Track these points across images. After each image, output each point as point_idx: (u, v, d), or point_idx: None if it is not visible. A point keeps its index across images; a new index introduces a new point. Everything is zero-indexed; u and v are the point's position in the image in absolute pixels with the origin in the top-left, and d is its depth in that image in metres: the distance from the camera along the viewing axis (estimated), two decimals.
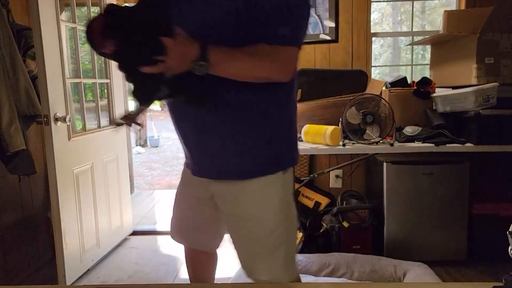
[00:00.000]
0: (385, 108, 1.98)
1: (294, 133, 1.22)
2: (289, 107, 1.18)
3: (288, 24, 1.00)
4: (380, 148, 1.96)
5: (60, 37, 2.03)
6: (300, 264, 2.05)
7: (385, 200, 2.27)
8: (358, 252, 2.17)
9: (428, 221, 2.26)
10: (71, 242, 2.10)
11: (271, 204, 1.14)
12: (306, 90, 2.32)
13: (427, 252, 2.27)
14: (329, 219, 2.32)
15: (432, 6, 8.91)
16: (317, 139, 2.00)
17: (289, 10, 1.00)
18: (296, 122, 1.22)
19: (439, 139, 1.95)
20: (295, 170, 2.75)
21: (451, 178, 2.23)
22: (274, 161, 1.14)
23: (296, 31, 1.03)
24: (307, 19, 1.07)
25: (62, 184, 2.02)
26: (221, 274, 2.26)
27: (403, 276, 1.95)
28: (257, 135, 1.11)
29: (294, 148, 1.22)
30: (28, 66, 2.07)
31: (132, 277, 2.25)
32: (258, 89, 1.05)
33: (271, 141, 1.13)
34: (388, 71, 4.66)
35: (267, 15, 0.98)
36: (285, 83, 1.08)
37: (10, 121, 1.90)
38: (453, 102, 2.02)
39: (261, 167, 1.12)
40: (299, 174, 2.78)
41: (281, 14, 0.99)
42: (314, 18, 2.64)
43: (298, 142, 1.24)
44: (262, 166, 1.12)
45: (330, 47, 2.68)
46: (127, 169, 2.81)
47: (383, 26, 10.16)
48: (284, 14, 1.00)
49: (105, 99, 2.64)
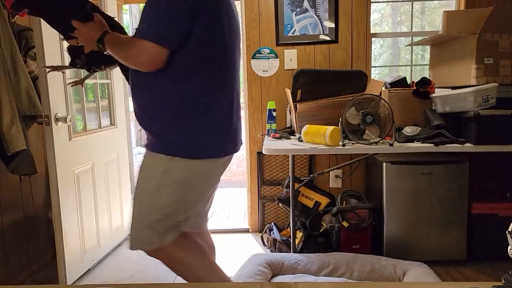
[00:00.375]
0: (385, 108, 1.99)
1: (196, 128, 1.31)
2: (185, 102, 1.30)
3: (144, 20, 1.22)
4: (380, 148, 1.97)
5: (61, 38, 2.03)
6: (300, 263, 2.06)
7: (384, 200, 2.27)
8: (358, 252, 2.18)
9: (428, 221, 2.27)
10: (72, 242, 2.11)
11: (144, 175, 1.36)
12: (306, 91, 2.33)
13: (427, 251, 2.28)
14: (329, 219, 2.33)
15: (431, 6, 8.93)
16: (317, 139, 2.00)
17: (147, 9, 1.22)
18: (214, 120, 1.33)
19: (438, 139, 1.95)
20: (295, 171, 2.76)
21: (451, 178, 2.24)
22: (160, 144, 1.32)
23: (150, 27, 1.21)
24: (169, 17, 1.19)
25: (63, 184, 2.03)
26: None
27: (402, 276, 1.96)
28: (148, 114, 1.34)
29: (195, 144, 1.32)
30: (29, 66, 2.08)
31: (132, 277, 2.26)
32: (147, 75, 1.26)
33: (158, 125, 1.32)
34: (387, 72, 4.67)
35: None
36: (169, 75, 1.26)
37: (11, 121, 1.90)
38: (452, 102, 2.03)
39: (150, 143, 1.35)
40: (299, 174, 2.79)
41: (143, 12, 1.23)
42: (314, 18, 2.65)
43: (213, 141, 1.35)
44: (150, 142, 1.35)
45: (329, 48, 2.68)
46: (127, 169, 2.82)
47: (382, 26, 10.18)
48: (144, 11, 1.23)
49: (106, 99, 2.65)
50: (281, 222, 2.84)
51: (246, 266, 2.00)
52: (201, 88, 1.30)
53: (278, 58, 2.70)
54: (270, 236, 2.51)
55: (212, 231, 2.90)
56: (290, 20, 2.66)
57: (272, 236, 2.49)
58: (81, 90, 2.31)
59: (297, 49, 2.69)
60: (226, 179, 6.04)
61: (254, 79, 2.74)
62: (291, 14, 2.65)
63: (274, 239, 2.46)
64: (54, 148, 1.96)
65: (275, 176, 2.85)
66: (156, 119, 1.32)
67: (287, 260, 2.08)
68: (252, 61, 2.71)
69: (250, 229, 2.92)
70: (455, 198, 2.25)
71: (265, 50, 2.70)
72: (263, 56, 2.70)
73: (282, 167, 2.83)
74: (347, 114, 1.99)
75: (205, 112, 1.31)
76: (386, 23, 10.58)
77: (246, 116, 2.80)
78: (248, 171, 2.87)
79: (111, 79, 2.62)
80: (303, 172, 2.81)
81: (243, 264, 2.05)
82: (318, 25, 2.66)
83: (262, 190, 2.86)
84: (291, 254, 2.19)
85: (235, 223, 3.11)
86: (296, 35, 2.67)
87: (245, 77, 2.77)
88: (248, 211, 2.93)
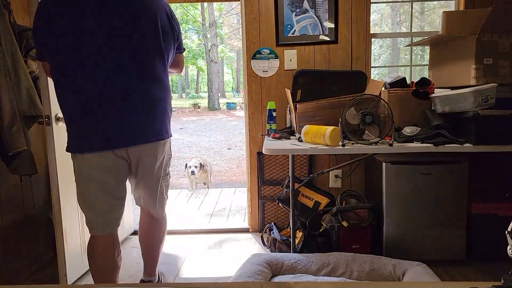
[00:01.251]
0: (384, 109, 1.99)
1: (73, 125, 1.58)
2: (63, 101, 1.56)
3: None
4: (379, 148, 1.98)
5: None
6: (300, 263, 2.06)
7: (384, 200, 2.28)
8: (358, 251, 2.18)
9: (427, 220, 2.27)
10: (72, 242, 2.11)
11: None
12: (305, 91, 2.33)
13: (426, 251, 2.28)
14: (328, 218, 2.34)
15: (431, 7, 8.94)
16: (317, 139, 2.01)
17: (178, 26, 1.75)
18: (78, 117, 1.55)
19: (438, 139, 1.96)
20: (295, 171, 2.77)
21: (450, 178, 2.25)
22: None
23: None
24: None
25: (63, 184, 2.03)
26: (221, 274, 2.27)
27: (402, 276, 1.96)
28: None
29: (74, 138, 1.61)
30: (30, 66, 2.08)
31: (133, 276, 2.26)
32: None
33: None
34: (387, 72, 4.68)
35: None
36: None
37: (12, 122, 1.91)
38: (452, 102, 2.04)
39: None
40: (299, 174, 2.79)
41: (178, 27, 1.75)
42: (313, 19, 2.66)
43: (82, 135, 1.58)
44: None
45: (329, 48, 2.69)
46: None
47: (382, 27, 10.19)
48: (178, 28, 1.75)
49: None
50: (281, 222, 2.85)
51: (246, 266, 2.01)
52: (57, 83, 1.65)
53: (278, 59, 2.71)
54: (270, 236, 2.52)
55: (212, 231, 2.92)
56: (290, 20, 2.66)
57: (272, 236, 2.50)
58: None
59: (297, 50, 2.69)
60: (226, 179, 6.04)
61: (254, 79, 2.74)
62: (291, 14, 2.66)
63: (274, 239, 2.47)
64: (54, 148, 1.97)
65: (275, 176, 2.85)
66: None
67: (287, 260, 2.09)
68: (252, 61, 2.72)
69: (250, 229, 2.92)
70: (455, 198, 2.26)
71: (265, 51, 2.71)
72: (263, 57, 2.71)
73: (282, 167, 2.83)
74: (346, 114, 1.99)
75: (68, 113, 1.70)
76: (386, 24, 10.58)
77: (246, 116, 2.81)
78: (248, 171, 2.87)
79: None
80: (303, 172, 2.82)
81: (243, 264, 2.06)
82: (318, 26, 2.67)
83: (262, 190, 2.87)
84: (291, 254, 2.20)
85: (235, 223, 3.11)
86: (296, 36, 2.68)
87: (245, 77, 2.77)
88: (248, 211, 2.93)
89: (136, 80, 1.53)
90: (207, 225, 3.08)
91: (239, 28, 19.62)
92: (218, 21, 21.36)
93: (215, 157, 7.83)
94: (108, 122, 1.51)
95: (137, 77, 1.53)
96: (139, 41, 1.51)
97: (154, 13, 1.54)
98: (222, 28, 23.55)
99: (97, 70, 1.47)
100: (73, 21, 1.42)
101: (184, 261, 2.45)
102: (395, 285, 1.30)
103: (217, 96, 20.61)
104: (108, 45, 1.47)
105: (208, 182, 4.88)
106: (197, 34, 23.59)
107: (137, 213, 3.32)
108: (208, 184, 4.89)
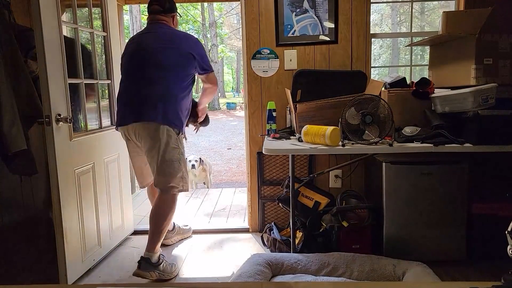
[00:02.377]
0: (384, 109, 1.99)
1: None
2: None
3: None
4: (379, 148, 1.98)
5: (61, 38, 2.04)
6: (300, 263, 2.06)
7: (384, 200, 2.28)
8: (358, 251, 2.18)
9: (427, 220, 2.27)
10: (73, 242, 2.11)
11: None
12: (305, 91, 2.33)
13: (426, 251, 2.28)
14: (328, 218, 2.34)
15: (431, 7, 8.93)
16: (317, 139, 2.01)
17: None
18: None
19: (438, 139, 1.96)
20: (295, 171, 2.77)
21: (450, 178, 2.25)
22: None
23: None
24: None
25: (64, 184, 2.03)
26: (221, 274, 2.27)
27: (402, 276, 1.96)
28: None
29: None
30: (30, 66, 2.09)
31: (133, 277, 2.26)
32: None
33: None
34: (387, 72, 4.68)
35: None
36: None
37: (12, 122, 1.91)
38: (452, 102, 2.04)
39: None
40: (299, 174, 2.79)
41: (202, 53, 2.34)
42: (314, 19, 2.66)
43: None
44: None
45: (329, 48, 2.69)
46: (128, 169, 2.82)
47: (382, 27, 10.18)
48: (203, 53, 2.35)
49: (106, 99, 2.65)
50: (281, 222, 2.85)
51: (246, 266, 2.01)
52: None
53: (278, 59, 2.71)
54: (270, 236, 2.52)
55: (212, 231, 2.93)
56: (290, 20, 2.67)
57: (272, 236, 2.50)
58: (81, 90, 2.31)
59: (297, 50, 2.70)
60: (226, 179, 6.05)
61: (254, 79, 2.74)
62: (291, 14, 2.66)
63: (274, 239, 2.47)
64: (54, 148, 1.96)
65: (275, 176, 2.85)
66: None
67: (287, 260, 2.09)
68: (252, 62, 2.72)
69: (250, 229, 2.92)
70: (455, 198, 2.25)
71: (265, 51, 2.71)
72: (263, 57, 2.71)
73: (282, 167, 2.83)
74: (346, 114, 1.99)
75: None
76: (386, 24, 10.57)
77: (246, 116, 2.81)
78: (248, 171, 2.88)
79: (111, 79, 2.62)
80: (303, 172, 2.82)
81: (243, 264, 2.06)
82: (318, 26, 2.67)
83: (262, 190, 2.87)
84: (291, 254, 2.20)
85: (235, 223, 3.11)
86: (296, 36, 2.68)
87: (245, 77, 2.78)
88: (248, 211, 2.93)
89: (145, 85, 2.16)
90: (207, 225, 3.08)
91: (239, 28, 19.62)
92: (218, 21, 21.37)
93: (215, 157, 7.83)
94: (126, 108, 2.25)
95: (146, 84, 2.17)
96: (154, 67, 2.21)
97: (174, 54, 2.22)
98: (222, 28, 23.55)
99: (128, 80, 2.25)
100: (125, 54, 2.28)
101: (184, 261, 2.45)
102: (395, 285, 1.30)
103: (217, 96, 20.62)
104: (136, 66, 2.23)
105: (208, 181, 4.88)
106: (197, 34, 23.60)
107: (137, 213, 3.34)
108: (208, 184, 4.90)
